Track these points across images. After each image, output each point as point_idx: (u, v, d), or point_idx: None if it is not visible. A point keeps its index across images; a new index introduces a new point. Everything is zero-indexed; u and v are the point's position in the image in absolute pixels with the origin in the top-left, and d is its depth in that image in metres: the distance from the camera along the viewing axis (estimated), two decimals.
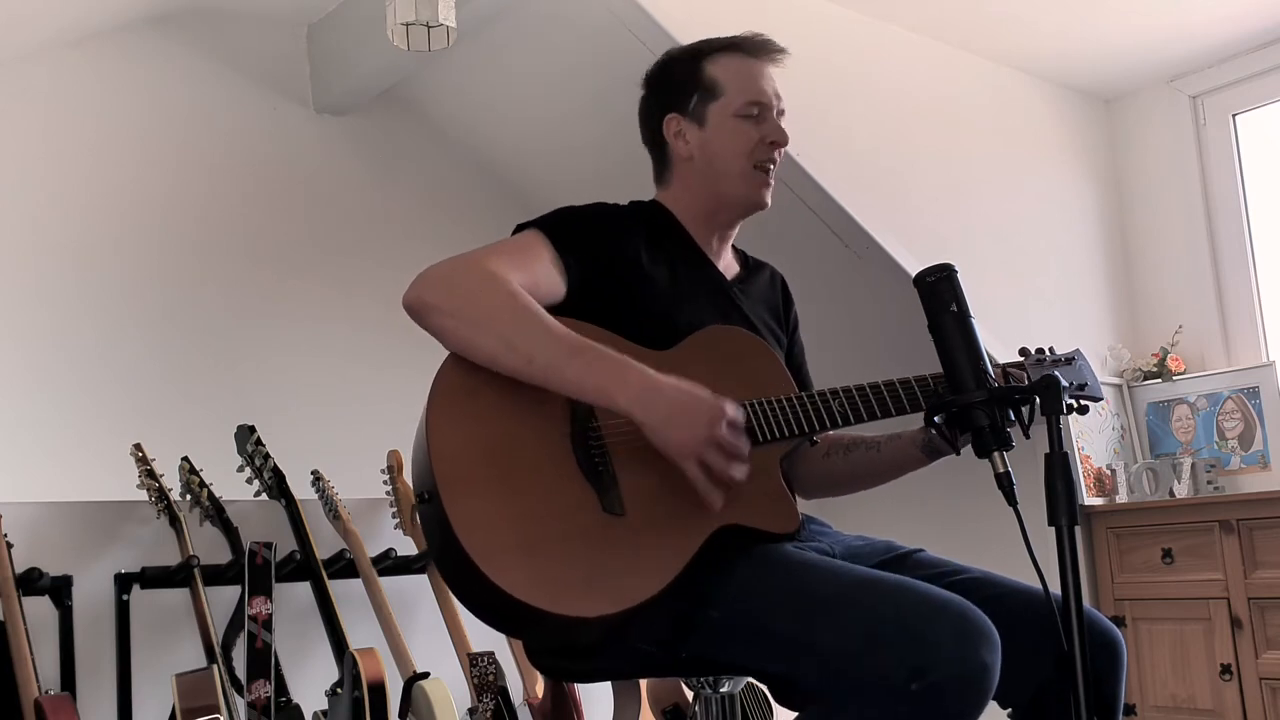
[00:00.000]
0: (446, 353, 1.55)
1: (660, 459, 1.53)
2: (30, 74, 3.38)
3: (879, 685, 1.34)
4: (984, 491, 1.50)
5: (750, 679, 1.80)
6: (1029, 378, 1.73)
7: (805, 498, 1.82)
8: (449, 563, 1.46)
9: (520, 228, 1.68)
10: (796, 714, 1.51)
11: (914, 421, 1.69)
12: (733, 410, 1.48)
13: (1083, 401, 1.73)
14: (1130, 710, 3.51)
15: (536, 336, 1.49)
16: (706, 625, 1.49)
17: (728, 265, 1.84)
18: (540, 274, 1.60)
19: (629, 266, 1.68)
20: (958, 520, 3.42)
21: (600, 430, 1.52)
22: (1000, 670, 1.39)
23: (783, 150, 1.78)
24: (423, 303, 1.53)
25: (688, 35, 3.11)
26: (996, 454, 1.43)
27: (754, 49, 1.79)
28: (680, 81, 1.78)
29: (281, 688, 2.50)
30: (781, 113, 1.79)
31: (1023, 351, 1.81)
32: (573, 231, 1.66)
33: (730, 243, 1.85)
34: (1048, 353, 1.82)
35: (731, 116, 1.74)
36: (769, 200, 1.78)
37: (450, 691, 2.53)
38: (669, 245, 1.75)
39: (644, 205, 1.81)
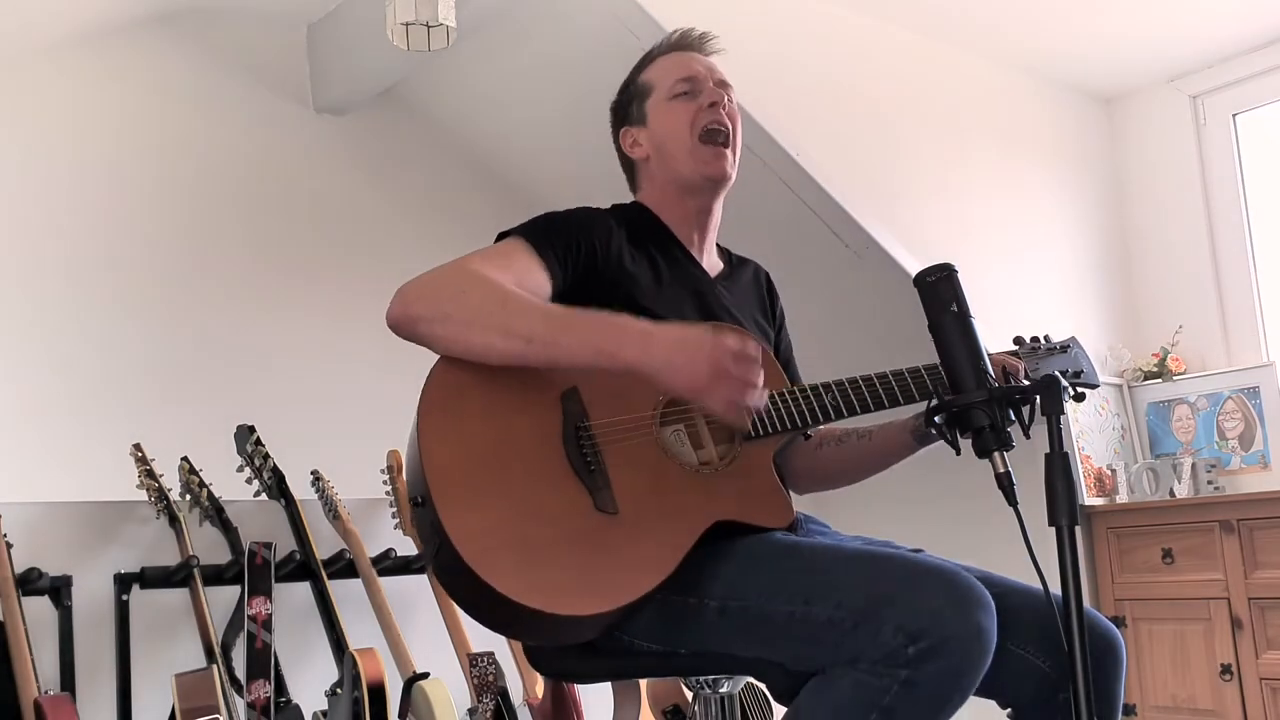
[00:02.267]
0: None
1: (652, 457, 1.53)
2: (30, 74, 3.38)
3: (877, 652, 1.34)
4: (984, 491, 1.50)
5: (750, 679, 1.80)
6: (1024, 367, 1.73)
7: (800, 492, 1.82)
8: (444, 567, 1.46)
9: (502, 236, 1.68)
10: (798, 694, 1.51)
11: (904, 410, 1.69)
12: (733, 338, 1.47)
13: (1080, 389, 1.73)
14: (1130, 710, 3.51)
15: (530, 316, 1.50)
16: (703, 617, 1.49)
17: (712, 264, 1.84)
18: (524, 280, 1.59)
19: (612, 268, 1.68)
20: (958, 520, 3.42)
21: (591, 429, 1.53)
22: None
23: (725, 115, 1.77)
24: (408, 315, 1.52)
25: None
26: (996, 454, 1.43)
27: (676, 44, 1.84)
28: (624, 100, 1.86)
29: (281, 688, 2.50)
30: (723, 84, 1.79)
31: (1017, 340, 1.81)
32: (555, 236, 1.66)
33: (712, 238, 1.86)
34: (1043, 341, 1.82)
35: (665, 101, 1.78)
36: (728, 170, 1.78)
37: (450, 691, 2.53)
38: (651, 245, 1.76)
39: (626, 206, 1.82)
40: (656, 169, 1.80)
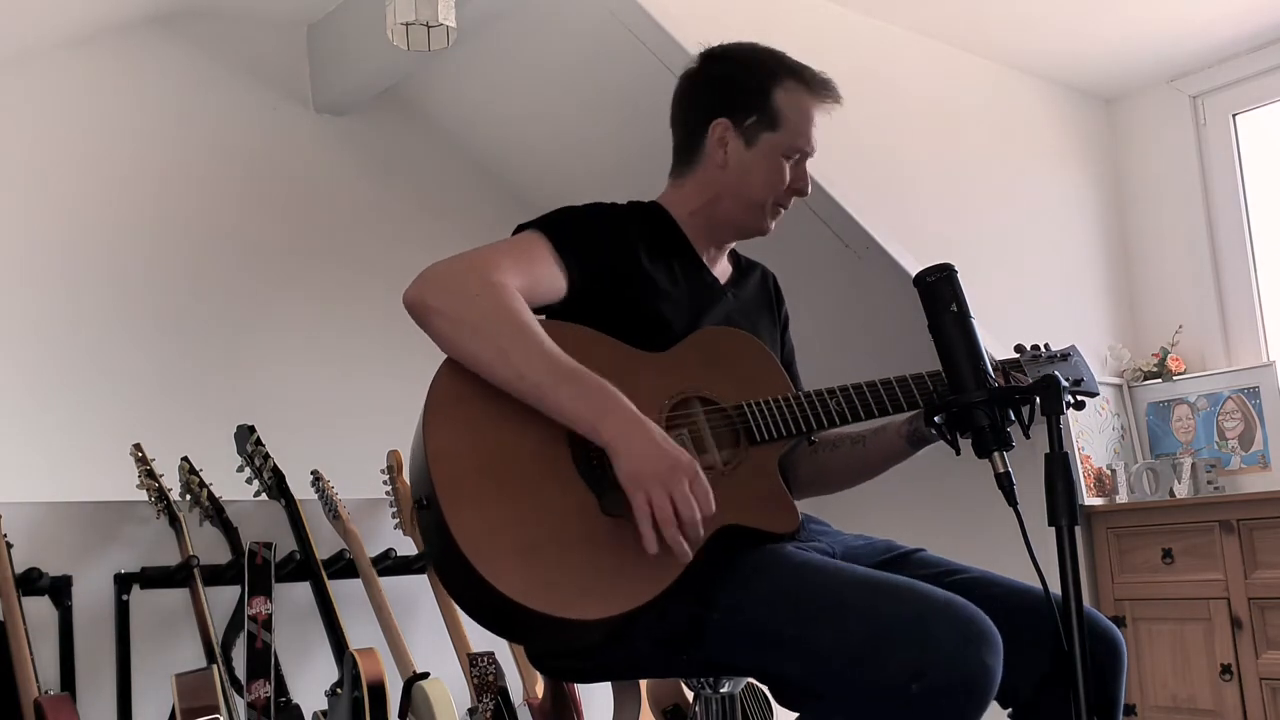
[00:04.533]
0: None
1: None
2: (29, 74, 3.38)
3: (880, 686, 1.33)
4: (984, 491, 1.50)
5: (750, 679, 1.80)
6: (1026, 375, 1.73)
7: (797, 497, 1.82)
8: (449, 569, 1.45)
9: (521, 228, 1.68)
10: (797, 715, 1.51)
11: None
12: (704, 479, 1.44)
13: (1079, 397, 1.73)
14: (1130, 710, 3.51)
15: (531, 354, 1.48)
16: (707, 627, 1.49)
17: (722, 269, 1.85)
18: (540, 275, 1.60)
19: (627, 267, 1.68)
20: (958, 520, 3.42)
21: None
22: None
23: None
24: (424, 304, 1.53)
25: (688, 35, 3.12)
26: (996, 454, 1.43)
27: (819, 88, 1.78)
28: (744, 94, 1.75)
29: (281, 688, 2.50)
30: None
31: (1018, 348, 1.81)
32: (573, 232, 1.66)
33: (725, 252, 1.86)
34: (1043, 349, 1.82)
35: (780, 152, 1.75)
36: (771, 229, 1.80)
37: (450, 691, 2.53)
38: (667, 247, 1.75)
39: (643, 206, 1.81)
40: (725, 187, 1.76)
